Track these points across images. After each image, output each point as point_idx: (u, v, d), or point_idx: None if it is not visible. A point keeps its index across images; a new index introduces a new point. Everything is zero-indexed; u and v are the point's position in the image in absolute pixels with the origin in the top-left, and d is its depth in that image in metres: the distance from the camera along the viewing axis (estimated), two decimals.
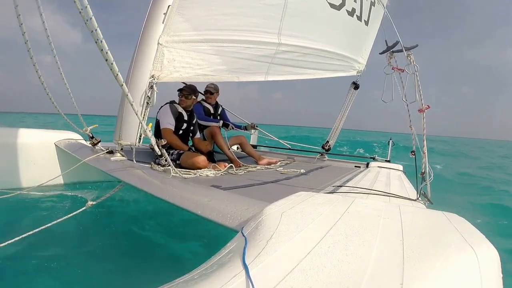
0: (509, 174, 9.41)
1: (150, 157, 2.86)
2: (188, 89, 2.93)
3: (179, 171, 2.18)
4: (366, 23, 3.55)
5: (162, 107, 2.91)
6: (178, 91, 2.97)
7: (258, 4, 2.46)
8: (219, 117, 3.62)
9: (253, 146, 4.08)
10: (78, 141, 3.23)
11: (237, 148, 3.98)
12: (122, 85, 1.69)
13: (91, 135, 2.85)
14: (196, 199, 1.42)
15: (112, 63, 1.58)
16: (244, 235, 0.81)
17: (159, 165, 2.39)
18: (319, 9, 2.91)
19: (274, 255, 0.68)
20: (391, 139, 4.79)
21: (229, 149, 3.20)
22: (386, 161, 3.66)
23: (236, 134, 3.67)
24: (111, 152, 2.47)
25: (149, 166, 2.48)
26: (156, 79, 2.18)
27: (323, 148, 3.88)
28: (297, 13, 2.70)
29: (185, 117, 2.94)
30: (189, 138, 3.10)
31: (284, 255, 0.68)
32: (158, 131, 2.83)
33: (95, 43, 1.49)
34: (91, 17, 1.41)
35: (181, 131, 2.92)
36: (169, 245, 2.28)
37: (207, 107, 3.52)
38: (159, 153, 2.16)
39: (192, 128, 3.05)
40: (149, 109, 2.23)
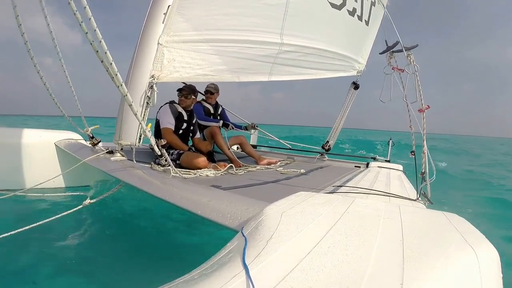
0: (509, 170, 9.50)
1: (150, 157, 2.86)
2: (187, 89, 2.93)
3: (179, 171, 2.18)
4: (366, 23, 3.55)
5: (161, 107, 2.91)
6: (177, 91, 2.98)
7: (258, 4, 2.46)
8: (219, 117, 3.62)
9: (253, 146, 4.08)
10: (78, 141, 3.23)
11: (237, 148, 3.98)
12: (121, 85, 1.69)
13: (92, 135, 2.85)
14: (196, 199, 1.42)
15: (110, 64, 1.58)
16: (244, 235, 0.81)
17: (159, 165, 2.39)
18: (320, 9, 2.91)
19: (274, 255, 0.68)
20: (391, 139, 4.79)
21: (229, 149, 3.20)
22: (386, 161, 3.66)
23: (236, 134, 3.67)
24: (111, 152, 2.47)
25: (149, 166, 2.48)
26: (156, 79, 2.18)
27: (323, 148, 3.88)
28: (298, 13, 2.70)
29: (185, 117, 2.94)
30: (189, 138, 3.10)
31: (284, 255, 0.68)
32: (158, 131, 2.83)
33: (90, 44, 1.47)
34: (90, 18, 1.40)
35: (181, 131, 2.92)
36: (169, 245, 2.28)
37: (207, 107, 3.52)
38: (159, 153, 2.16)
39: (192, 128, 3.06)
40: (149, 109, 2.24)
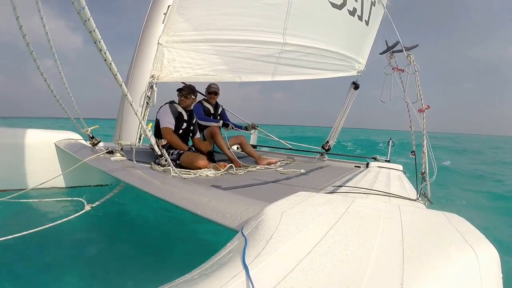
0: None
1: (150, 157, 2.86)
2: (187, 89, 2.94)
3: (179, 171, 2.18)
4: (366, 23, 3.55)
5: (161, 107, 2.91)
6: (177, 91, 2.98)
7: (258, 4, 2.46)
8: (219, 117, 3.62)
9: (253, 146, 4.08)
10: (78, 141, 3.23)
11: (237, 148, 3.98)
12: (121, 85, 1.69)
13: (91, 135, 2.85)
14: (196, 199, 1.42)
15: (110, 63, 1.58)
16: (244, 235, 0.81)
17: (159, 165, 2.39)
18: (321, 8, 2.91)
19: (274, 255, 0.68)
20: (390, 139, 4.79)
21: (229, 149, 3.20)
22: (386, 161, 3.66)
23: (236, 134, 3.68)
24: (111, 152, 2.47)
25: (149, 166, 2.48)
26: (156, 79, 2.18)
27: (323, 148, 3.88)
28: (299, 12, 2.70)
29: (185, 117, 2.94)
30: (189, 138, 3.10)
31: (284, 255, 0.68)
32: (158, 131, 2.84)
33: (94, 43, 1.49)
34: (89, 18, 1.40)
35: (181, 131, 2.92)
36: (169, 245, 2.28)
37: (207, 107, 3.52)
38: (159, 153, 2.16)
39: (192, 128, 3.06)
40: (149, 109, 2.23)
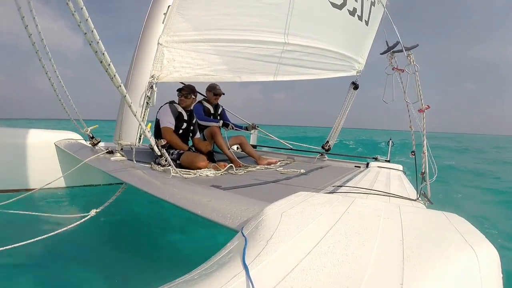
0: None
1: (150, 157, 2.86)
2: (187, 89, 2.94)
3: (179, 171, 2.18)
4: (366, 23, 3.55)
5: (161, 107, 2.91)
6: (177, 91, 2.98)
7: (258, 3, 2.46)
8: (219, 117, 3.62)
9: (252, 146, 4.08)
10: (78, 141, 3.23)
11: (237, 148, 3.98)
12: (119, 86, 1.68)
13: (91, 135, 2.85)
14: (196, 199, 1.42)
15: (109, 65, 1.57)
16: (244, 235, 0.81)
17: (159, 165, 2.39)
18: (321, 8, 2.91)
19: (274, 255, 0.68)
20: (390, 139, 4.80)
21: (229, 149, 3.20)
22: (386, 161, 3.66)
23: (236, 134, 3.68)
24: (111, 152, 2.47)
25: (149, 166, 2.48)
26: (156, 79, 2.18)
27: (323, 148, 3.88)
28: (299, 12, 2.70)
29: (185, 117, 2.95)
30: (189, 138, 3.10)
31: (284, 255, 0.68)
32: (158, 131, 2.84)
33: (89, 45, 1.47)
34: (87, 19, 1.39)
35: (181, 131, 2.92)
36: (169, 245, 2.28)
37: (207, 107, 3.52)
38: (159, 153, 2.16)
39: (192, 128, 3.06)
40: (149, 109, 2.23)
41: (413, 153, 1.89)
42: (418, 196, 1.67)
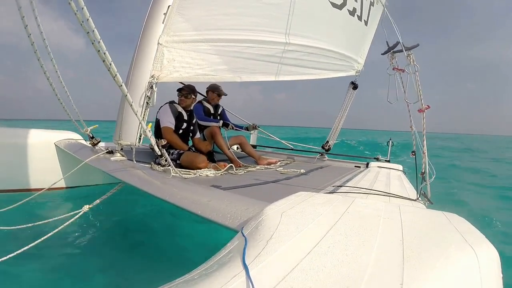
0: None
1: (150, 157, 2.86)
2: (187, 89, 2.94)
3: (179, 171, 2.18)
4: (365, 23, 3.55)
5: (161, 107, 2.92)
6: (177, 91, 2.99)
7: (258, 3, 2.46)
8: (219, 117, 3.62)
9: (252, 146, 4.09)
10: (78, 141, 3.23)
11: (237, 148, 3.98)
12: (121, 85, 1.69)
13: (91, 135, 2.85)
14: (196, 199, 1.42)
15: (110, 64, 1.58)
16: (244, 235, 0.81)
17: (159, 165, 2.39)
18: (321, 8, 2.91)
19: (274, 255, 0.68)
20: (390, 139, 4.81)
21: (229, 149, 3.20)
22: (386, 161, 3.66)
23: (236, 134, 3.68)
24: (111, 152, 2.47)
25: (149, 166, 2.48)
26: (156, 79, 2.18)
27: (323, 148, 3.88)
28: (299, 12, 2.70)
29: (185, 117, 2.95)
30: (189, 138, 3.10)
31: (284, 255, 0.68)
32: (158, 131, 2.84)
33: (92, 44, 1.48)
34: (88, 18, 1.40)
35: (181, 131, 2.92)
36: (169, 245, 2.28)
37: (207, 107, 3.52)
38: (159, 153, 2.16)
39: (192, 128, 3.06)
40: (149, 109, 2.23)
41: (413, 153, 1.89)
42: (418, 196, 1.67)
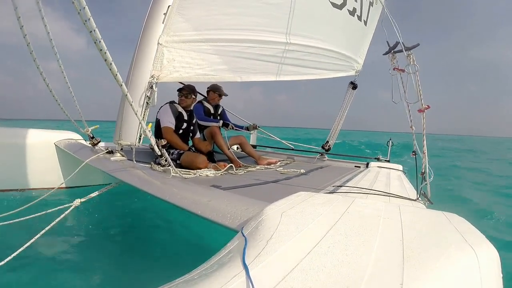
0: None
1: (150, 157, 2.86)
2: (187, 89, 2.95)
3: (179, 171, 2.18)
4: (365, 23, 3.56)
5: (162, 107, 2.92)
6: (177, 91, 2.99)
7: (258, 3, 2.46)
8: (219, 117, 3.62)
9: (252, 146, 4.08)
10: (78, 141, 3.23)
11: (237, 148, 3.98)
12: (121, 85, 1.70)
13: (92, 135, 2.85)
14: (196, 199, 1.42)
15: (111, 63, 1.58)
16: (244, 235, 0.81)
17: (159, 165, 2.39)
18: (321, 8, 2.91)
19: (274, 255, 0.68)
20: (390, 139, 4.82)
21: (229, 149, 3.20)
22: (386, 161, 3.66)
23: (236, 134, 3.68)
24: (111, 152, 2.47)
25: (149, 166, 2.48)
26: (156, 79, 2.18)
27: (323, 148, 3.88)
28: (299, 12, 2.70)
29: (185, 117, 2.95)
30: (189, 138, 3.10)
31: (284, 255, 0.68)
32: (158, 131, 2.84)
33: (94, 43, 1.49)
34: (89, 18, 1.41)
35: (181, 131, 2.93)
36: (169, 245, 2.28)
37: (207, 107, 3.52)
38: (159, 153, 2.16)
39: (192, 128, 3.06)
40: (149, 109, 2.23)
41: (413, 153, 1.89)
42: (418, 196, 1.67)
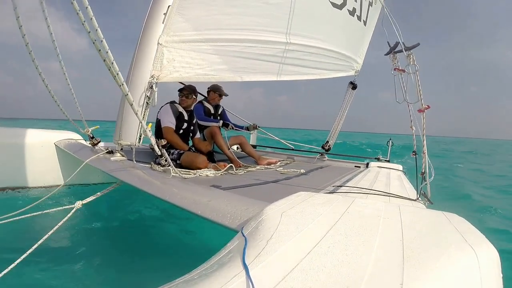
0: None
1: (150, 157, 2.86)
2: (188, 89, 2.95)
3: (179, 171, 2.18)
4: (364, 23, 3.56)
5: (162, 107, 2.92)
6: (178, 91, 3.00)
7: (258, 3, 2.46)
8: (219, 118, 3.62)
9: (252, 146, 4.09)
10: (78, 141, 3.23)
11: (237, 148, 3.98)
12: (121, 85, 1.69)
13: (92, 135, 2.85)
14: (196, 199, 1.42)
15: (112, 63, 1.58)
16: (244, 235, 0.81)
17: (159, 165, 2.39)
18: (321, 8, 2.91)
19: (274, 255, 0.68)
20: (390, 139, 4.83)
21: (229, 149, 3.20)
22: (386, 161, 3.66)
23: (236, 134, 3.68)
24: (111, 152, 2.47)
25: (149, 166, 2.48)
26: (155, 79, 2.18)
27: (323, 148, 3.88)
28: (300, 12, 2.70)
29: (186, 117, 2.95)
30: (189, 138, 3.10)
31: (284, 255, 0.68)
32: (158, 131, 2.84)
33: (93, 43, 1.49)
34: (91, 17, 1.41)
35: (181, 131, 2.93)
36: (169, 245, 2.28)
37: (207, 107, 3.52)
38: (159, 153, 2.16)
39: (192, 128, 3.06)
40: (149, 109, 2.23)
41: (414, 153, 1.89)
42: (418, 196, 1.67)
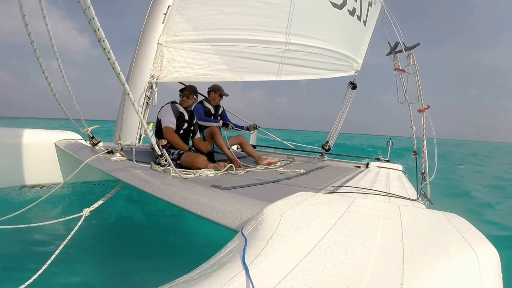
0: None
1: (150, 157, 2.86)
2: (189, 89, 2.96)
3: (179, 171, 2.18)
4: (364, 23, 3.56)
5: (163, 107, 2.93)
6: (179, 91, 3.01)
7: (258, 3, 2.46)
8: (219, 118, 3.62)
9: (252, 146, 4.09)
10: (78, 141, 3.23)
11: (237, 148, 3.98)
12: (124, 83, 1.70)
13: (92, 135, 2.85)
14: (196, 199, 1.42)
15: (114, 62, 1.60)
16: (244, 235, 0.81)
17: (159, 165, 2.38)
18: (321, 8, 2.91)
19: (274, 255, 0.68)
20: (390, 140, 4.84)
21: (229, 149, 3.20)
22: (386, 161, 3.67)
23: (236, 134, 3.68)
24: (111, 152, 2.47)
25: (149, 166, 2.48)
26: (155, 79, 2.18)
27: (323, 148, 3.88)
28: (300, 12, 2.70)
29: (186, 117, 2.95)
30: (190, 138, 3.11)
31: (284, 255, 0.68)
32: (159, 131, 2.84)
33: (98, 42, 1.50)
34: (94, 17, 1.42)
35: (181, 131, 2.93)
36: (169, 245, 2.28)
37: (208, 107, 3.52)
38: (159, 153, 2.16)
39: (192, 128, 3.07)
40: (149, 109, 2.23)
41: (414, 153, 1.89)
42: (418, 196, 1.67)
